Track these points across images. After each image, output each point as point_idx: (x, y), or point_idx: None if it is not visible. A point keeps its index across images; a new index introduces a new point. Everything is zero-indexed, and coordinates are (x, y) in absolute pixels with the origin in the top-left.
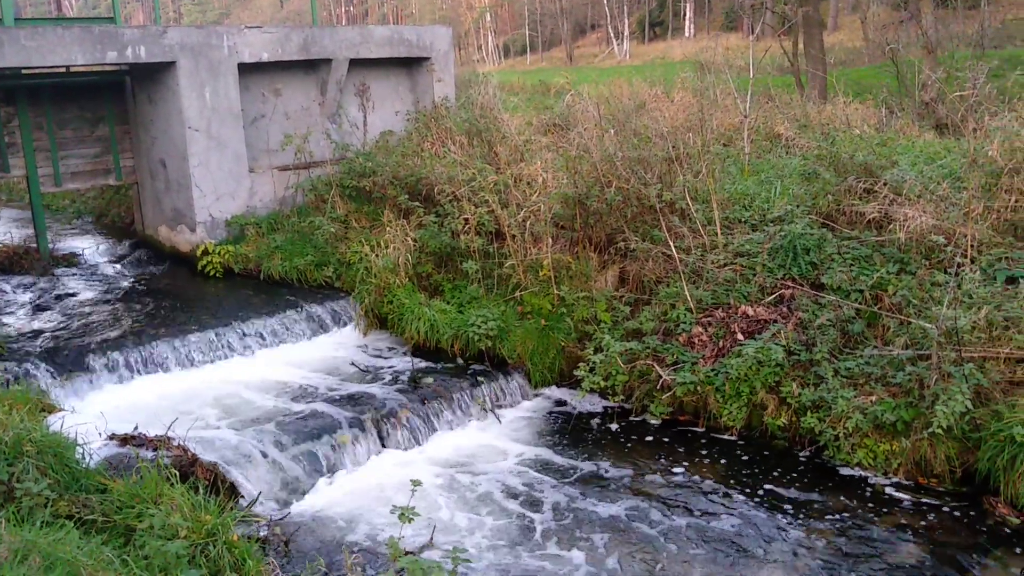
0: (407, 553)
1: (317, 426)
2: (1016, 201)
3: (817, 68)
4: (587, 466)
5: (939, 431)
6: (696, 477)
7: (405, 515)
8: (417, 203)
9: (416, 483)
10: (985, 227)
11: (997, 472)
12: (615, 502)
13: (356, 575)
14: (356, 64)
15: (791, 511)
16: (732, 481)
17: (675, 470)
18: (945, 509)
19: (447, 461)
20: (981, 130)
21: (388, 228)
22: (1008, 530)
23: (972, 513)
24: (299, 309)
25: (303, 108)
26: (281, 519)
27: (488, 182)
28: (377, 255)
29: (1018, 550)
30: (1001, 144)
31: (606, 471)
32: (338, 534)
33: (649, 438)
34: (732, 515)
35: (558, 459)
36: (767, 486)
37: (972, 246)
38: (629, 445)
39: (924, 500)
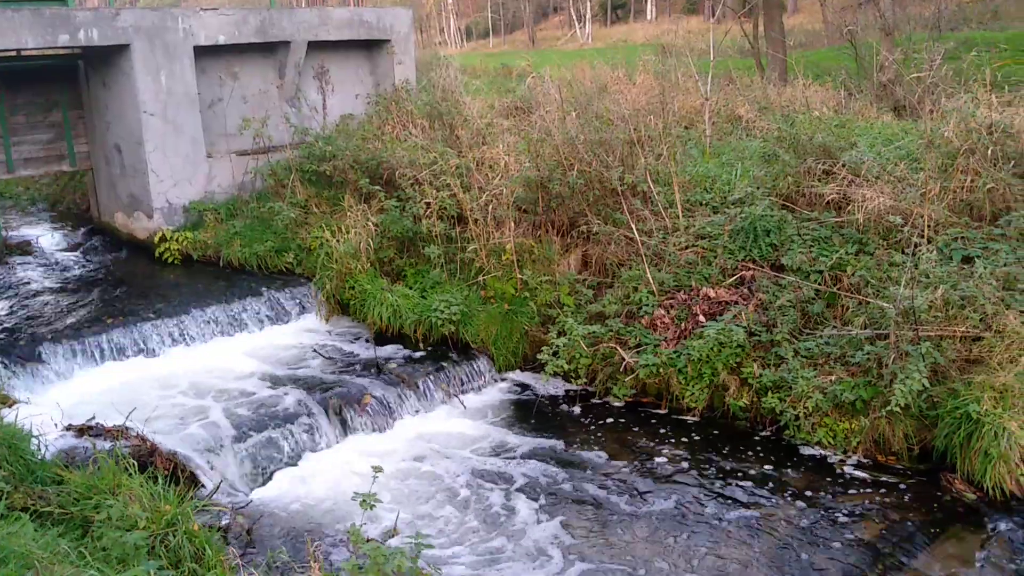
0: (370, 541)
1: (279, 413)
2: (971, 181)
3: (777, 50)
4: (551, 449)
5: (897, 409)
6: (659, 458)
7: (367, 502)
8: (378, 187)
9: (378, 469)
10: (941, 207)
11: (954, 449)
12: (580, 484)
13: (319, 563)
14: (315, 47)
15: (753, 490)
16: (694, 461)
17: (638, 451)
18: (903, 486)
19: (412, 447)
20: (937, 111)
21: (349, 213)
22: (965, 506)
23: (930, 490)
24: (260, 296)
25: (261, 91)
26: (243, 507)
27: (450, 166)
28: (338, 240)
29: (974, 526)
30: (957, 125)
31: (570, 454)
32: (301, 521)
33: (612, 420)
34: (694, 495)
35: (522, 443)
36: (729, 466)
37: (928, 226)
38: (593, 428)
39: (883, 477)
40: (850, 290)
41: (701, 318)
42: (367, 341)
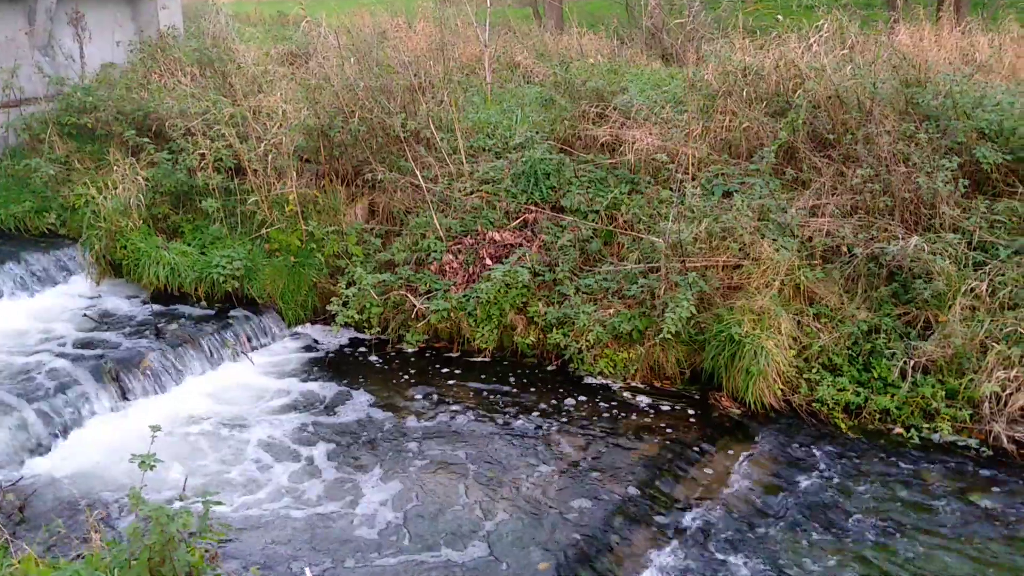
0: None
1: (49, 383)
2: (729, 121)
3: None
4: (345, 398)
5: (669, 336)
6: (453, 398)
7: (146, 463)
8: (147, 139)
9: (155, 428)
10: (703, 146)
11: (720, 370)
12: (374, 429)
13: (99, 532)
14: None
15: (542, 421)
16: (486, 398)
17: (432, 393)
18: (678, 407)
19: (198, 408)
20: (699, 57)
21: (116, 168)
22: (731, 420)
23: (701, 408)
24: (19, 260)
25: (8, 39)
26: (13, 484)
27: (224, 115)
28: (106, 197)
29: (740, 437)
30: (715, 69)
31: (364, 401)
32: (80, 493)
33: (406, 366)
34: (488, 429)
35: (315, 394)
36: (520, 400)
37: (692, 164)
38: (387, 374)
39: (659, 401)
40: (625, 227)
41: (488, 261)
42: (144, 302)
